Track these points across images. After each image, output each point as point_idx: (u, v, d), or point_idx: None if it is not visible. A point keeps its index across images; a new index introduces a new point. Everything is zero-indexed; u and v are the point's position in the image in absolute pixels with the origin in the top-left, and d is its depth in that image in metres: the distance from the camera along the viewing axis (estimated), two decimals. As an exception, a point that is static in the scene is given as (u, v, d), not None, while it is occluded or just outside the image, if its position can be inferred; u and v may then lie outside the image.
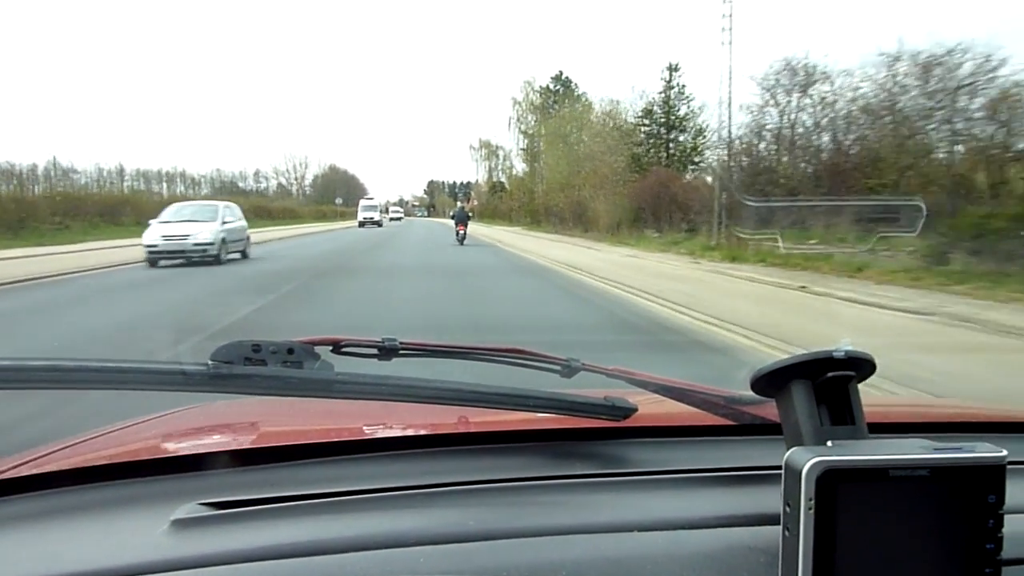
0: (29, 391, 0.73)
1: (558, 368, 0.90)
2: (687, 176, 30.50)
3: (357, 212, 57.54)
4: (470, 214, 30.39)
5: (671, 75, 32.62)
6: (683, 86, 32.76)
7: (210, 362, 0.72)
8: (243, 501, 0.75)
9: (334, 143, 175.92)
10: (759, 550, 0.67)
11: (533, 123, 61.75)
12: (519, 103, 62.88)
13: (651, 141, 32.88)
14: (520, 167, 66.18)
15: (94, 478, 0.85)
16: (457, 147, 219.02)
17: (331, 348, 0.79)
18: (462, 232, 24.16)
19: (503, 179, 73.09)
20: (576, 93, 55.51)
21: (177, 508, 0.74)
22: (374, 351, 0.82)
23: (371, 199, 64.21)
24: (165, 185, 61.15)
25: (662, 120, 32.66)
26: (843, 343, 0.67)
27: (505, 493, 0.81)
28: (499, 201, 71.72)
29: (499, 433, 0.98)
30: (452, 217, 26.44)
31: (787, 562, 0.59)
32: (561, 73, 62.48)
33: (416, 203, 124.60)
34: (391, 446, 0.95)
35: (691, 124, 32.38)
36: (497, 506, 0.78)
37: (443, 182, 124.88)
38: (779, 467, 0.61)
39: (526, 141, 62.19)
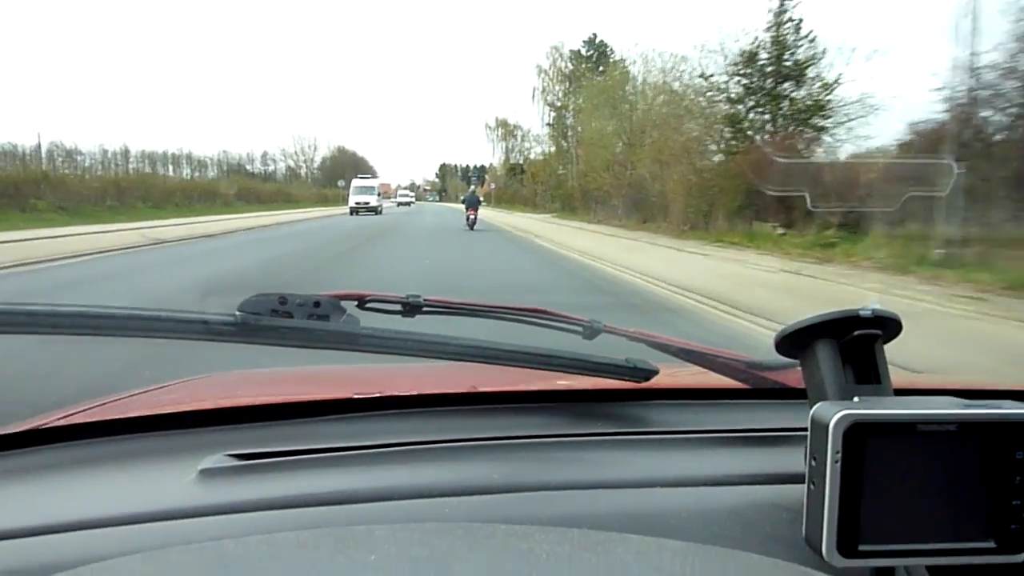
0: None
1: (579, 329, 0.89)
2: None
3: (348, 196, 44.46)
4: (481, 199, 29.31)
5: (782, 4, 22.52)
6: (800, 21, 22.59)
7: (237, 313, 0.72)
8: (269, 453, 0.77)
9: (344, 125, 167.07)
10: (783, 507, 0.68)
11: (562, 94, 52.99)
12: (545, 71, 53.99)
13: (753, 98, 23.19)
14: (540, 148, 57.42)
15: (124, 431, 0.86)
16: (471, 129, 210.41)
17: (356, 303, 0.80)
18: (472, 216, 24.35)
19: (522, 161, 64.21)
20: (613, 59, 46.36)
21: (204, 459, 0.75)
22: (398, 307, 0.83)
23: (366, 178, 51.02)
24: (171, 167, 55.46)
25: (770, 69, 22.80)
26: (871, 301, 0.65)
27: (528, 449, 0.82)
28: (519, 184, 63.00)
29: (521, 392, 0.99)
30: (463, 202, 26.40)
31: (812, 515, 0.59)
32: (595, 36, 53.61)
33: (428, 187, 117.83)
34: (414, 404, 0.95)
35: (810, 74, 22.34)
36: (520, 461, 0.79)
37: (456, 165, 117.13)
38: (801, 429, 0.62)
39: (553, 115, 53.42)
